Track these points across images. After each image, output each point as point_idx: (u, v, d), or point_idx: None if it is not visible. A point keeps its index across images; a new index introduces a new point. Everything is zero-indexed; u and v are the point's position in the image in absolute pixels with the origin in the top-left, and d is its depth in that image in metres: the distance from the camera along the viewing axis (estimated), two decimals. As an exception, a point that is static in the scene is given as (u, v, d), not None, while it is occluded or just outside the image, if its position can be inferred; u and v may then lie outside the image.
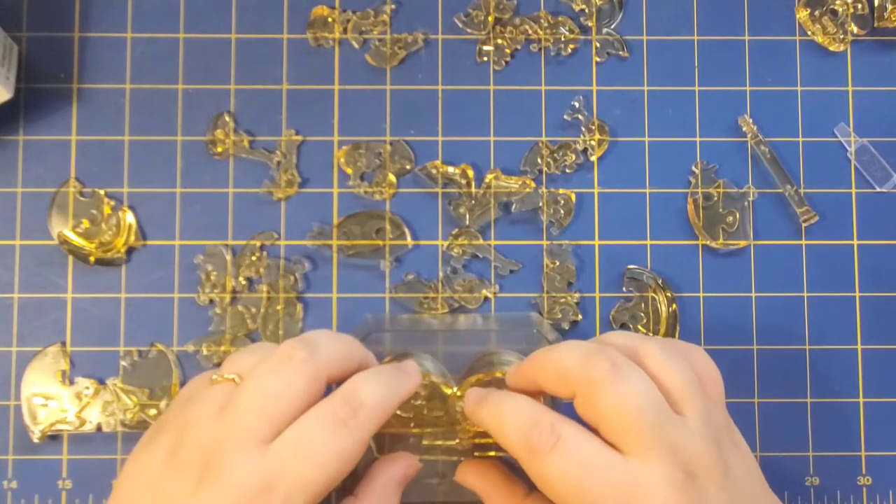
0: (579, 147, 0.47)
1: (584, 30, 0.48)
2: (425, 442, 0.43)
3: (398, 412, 0.43)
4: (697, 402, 0.35)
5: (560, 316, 0.46)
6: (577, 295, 0.46)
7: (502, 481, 0.40)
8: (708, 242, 0.46)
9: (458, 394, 0.43)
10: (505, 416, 0.36)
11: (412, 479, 0.43)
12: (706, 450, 0.34)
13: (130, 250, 0.46)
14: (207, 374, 0.37)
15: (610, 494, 0.33)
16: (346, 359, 0.37)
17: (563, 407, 0.39)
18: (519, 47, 0.48)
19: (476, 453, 0.43)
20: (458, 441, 0.43)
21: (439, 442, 0.43)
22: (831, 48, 0.48)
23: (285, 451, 0.33)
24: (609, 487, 0.33)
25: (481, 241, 0.46)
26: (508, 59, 0.47)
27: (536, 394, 0.39)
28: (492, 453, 0.43)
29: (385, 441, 0.43)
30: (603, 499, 0.33)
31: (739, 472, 0.35)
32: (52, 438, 0.45)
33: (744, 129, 0.47)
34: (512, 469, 0.41)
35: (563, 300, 0.46)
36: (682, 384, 0.36)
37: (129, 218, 0.46)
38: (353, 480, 0.38)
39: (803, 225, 0.46)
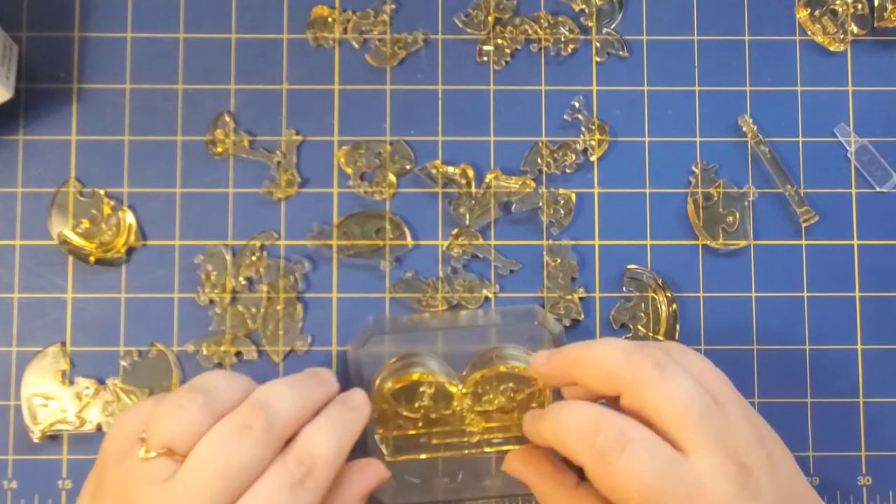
0: (579, 147, 0.47)
1: (584, 30, 0.48)
2: (434, 441, 0.43)
3: (405, 413, 0.43)
4: (730, 391, 0.36)
5: (563, 312, 0.46)
6: (580, 291, 0.46)
7: (551, 471, 0.39)
8: (708, 242, 0.46)
9: (464, 391, 0.43)
10: (566, 424, 0.36)
11: (423, 479, 0.43)
12: (750, 439, 0.35)
13: (130, 250, 0.46)
14: (128, 425, 0.35)
15: (678, 496, 0.33)
16: (305, 413, 0.36)
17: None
18: (519, 47, 0.48)
19: (486, 449, 0.44)
20: (466, 439, 0.43)
21: (448, 440, 0.43)
22: (831, 48, 0.48)
23: None
24: (678, 489, 0.33)
25: (481, 241, 0.46)
26: (508, 59, 0.47)
27: (567, 386, 0.39)
28: (505, 448, 0.43)
29: (394, 442, 0.43)
30: (670, 489, 0.33)
31: (779, 458, 0.36)
32: (52, 438, 0.45)
33: (744, 129, 0.47)
34: (559, 458, 0.40)
35: (566, 298, 0.46)
36: (713, 376, 0.36)
37: (129, 218, 0.46)
38: None
39: (803, 225, 0.46)
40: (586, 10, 0.48)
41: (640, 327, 0.46)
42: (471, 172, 0.46)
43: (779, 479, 0.35)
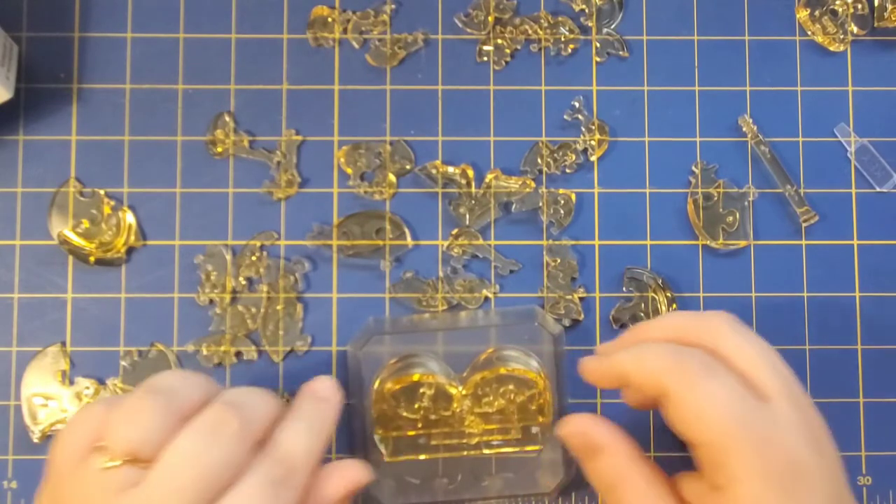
0: (579, 147, 0.47)
1: (584, 30, 0.48)
2: (433, 442, 0.43)
3: (405, 414, 0.43)
4: (777, 381, 0.35)
5: (563, 312, 0.46)
6: (580, 291, 0.46)
7: (622, 433, 0.38)
8: (708, 242, 0.46)
9: (464, 393, 0.43)
10: (653, 350, 0.35)
11: (423, 480, 0.43)
12: (814, 408, 0.35)
13: (130, 250, 0.46)
14: (80, 431, 0.33)
15: (755, 435, 0.33)
16: (272, 416, 0.36)
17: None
18: (519, 47, 0.48)
19: (485, 451, 0.44)
20: (465, 440, 0.44)
21: (448, 441, 0.44)
22: (831, 48, 0.48)
23: None
24: (756, 428, 0.33)
25: (481, 241, 0.46)
26: (508, 59, 0.47)
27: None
28: (505, 449, 0.44)
29: (393, 443, 0.44)
30: (750, 432, 0.33)
31: (831, 455, 0.35)
32: (52, 438, 0.45)
33: (744, 129, 0.47)
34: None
35: (566, 298, 0.46)
36: (760, 365, 0.35)
37: (129, 218, 0.46)
38: None
39: (803, 225, 0.46)
40: (586, 10, 0.48)
41: (640, 327, 0.46)
42: (471, 172, 0.46)
43: (837, 457, 0.35)
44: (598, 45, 0.48)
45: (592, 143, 0.47)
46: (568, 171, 0.47)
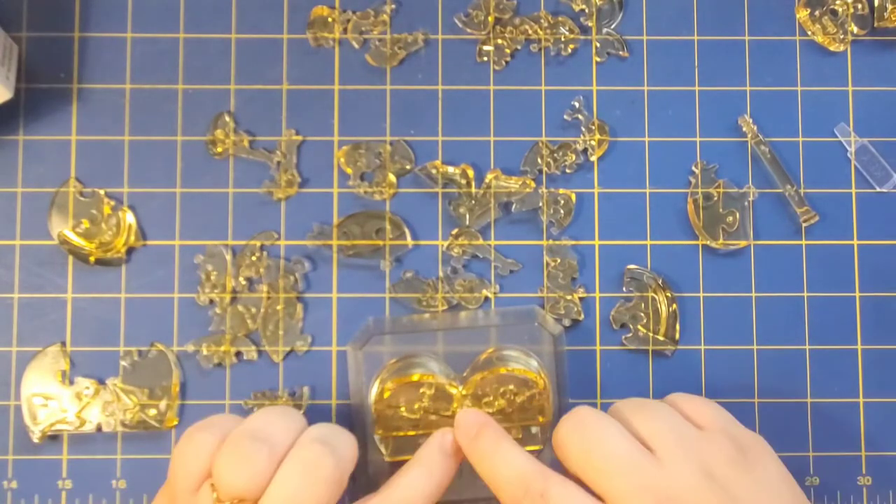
0: (579, 147, 0.47)
1: (584, 30, 0.48)
2: None
3: (405, 414, 0.43)
4: (671, 437, 0.37)
5: (563, 312, 0.46)
6: (580, 291, 0.46)
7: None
8: (708, 242, 0.46)
9: (464, 393, 0.43)
10: (497, 468, 0.38)
11: None
12: (691, 485, 0.35)
13: (130, 250, 0.46)
14: (193, 463, 0.37)
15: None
16: (356, 456, 0.39)
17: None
18: (519, 47, 0.48)
19: None
20: None
21: None
22: (831, 48, 0.48)
23: None
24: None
25: (481, 241, 0.46)
26: (508, 59, 0.47)
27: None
28: None
29: (393, 443, 0.44)
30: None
31: (749, 497, 0.36)
32: (52, 438, 0.45)
33: (744, 129, 0.47)
34: None
35: (566, 298, 0.46)
36: (659, 429, 0.37)
37: (129, 218, 0.46)
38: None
39: (803, 225, 0.46)
40: (586, 10, 0.48)
41: (640, 327, 0.46)
42: (471, 172, 0.46)
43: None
44: (598, 45, 0.48)
45: (592, 143, 0.47)
46: (568, 171, 0.47)
